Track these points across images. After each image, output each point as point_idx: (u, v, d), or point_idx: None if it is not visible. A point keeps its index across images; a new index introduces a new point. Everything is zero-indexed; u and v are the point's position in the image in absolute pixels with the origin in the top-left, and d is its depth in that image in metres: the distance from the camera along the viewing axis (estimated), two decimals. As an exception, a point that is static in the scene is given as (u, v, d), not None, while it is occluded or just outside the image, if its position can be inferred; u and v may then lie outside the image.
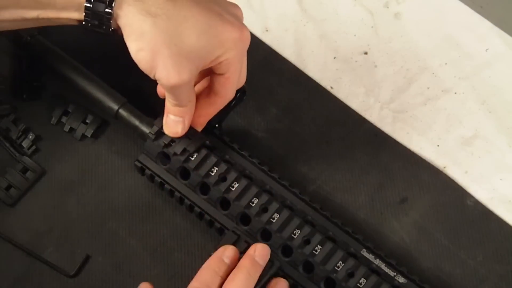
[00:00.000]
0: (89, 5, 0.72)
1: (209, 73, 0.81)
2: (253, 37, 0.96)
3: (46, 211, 0.87)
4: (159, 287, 0.83)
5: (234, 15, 0.77)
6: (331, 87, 0.95)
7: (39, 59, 0.90)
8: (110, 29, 0.74)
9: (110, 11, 0.72)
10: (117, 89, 0.87)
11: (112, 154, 0.90)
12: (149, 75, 0.75)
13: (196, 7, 0.74)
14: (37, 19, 0.75)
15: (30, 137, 0.89)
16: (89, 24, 0.74)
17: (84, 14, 0.73)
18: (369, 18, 0.99)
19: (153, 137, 0.82)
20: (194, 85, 0.81)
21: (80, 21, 0.74)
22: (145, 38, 0.72)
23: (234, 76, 0.79)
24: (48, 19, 0.75)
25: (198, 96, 0.81)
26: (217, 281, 0.74)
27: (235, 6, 0.80)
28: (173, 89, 0.76)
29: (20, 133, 0.89)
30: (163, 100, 0.82)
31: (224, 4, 0.78)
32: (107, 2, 0.72)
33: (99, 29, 0.74)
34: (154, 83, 0.81)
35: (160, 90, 0.83)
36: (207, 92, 0.81)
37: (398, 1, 1.00)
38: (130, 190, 0.88)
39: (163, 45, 0.72)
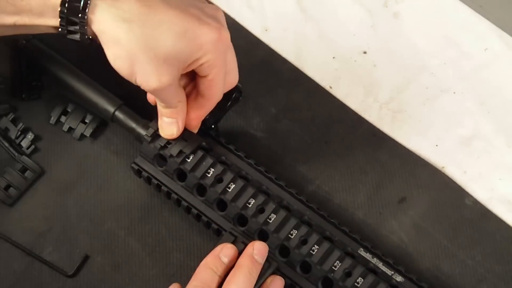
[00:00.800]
0: (64, 9, 0.71)
1: (195, 76, 0.81)
2: (252, 37, 0.96)
3: (45, 211, 0.87)
4: (158, 287, 0.84)
5: (212, 17, 0.76)
6: (330, 87, 0.95)
7: (35, 62, 0.90)
8: (86, 36, 0.73)
9: (84, 16, 0.71)
10: (114, 91, 0.88)
11: (111, 154, 0.90)
12: (130, 81, 0.74)
13: (172, 10, 0.73)
14: (14, 25, 0.74)
15: (29, 136, 0.90)
16: (65, 31, 0.73)
17: (59, 20, 0.72)
18: (368, 17, 0.99)
19: (149, 139, 0.82)
20: (185, 88, 0.81)
21: (56, 28, 0.73)
22: (121, 45, 0.71)
23: (218, 77, 0.78)
24: (26, 26, 0.74)
25: (187, 99, 0.80)
26: (216, 280, 0.74)
27: (215, 8, 0.78)
28: (157, 93, 0.76)
29: (19, 133, 0.90)
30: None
31: (203, 7, 0.77)
32: (80, 8, 0.71)
33: (76, 37, 0.73)
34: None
35: (150, 97, 0.83)
36: (194, 95, 0.81)
37: (397, 1, 1.00)
38: (129, 190, 0.88)
39: (139, 51, 0.71)
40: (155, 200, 0.88)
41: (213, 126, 0.85)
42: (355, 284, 0.77)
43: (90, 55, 0.92)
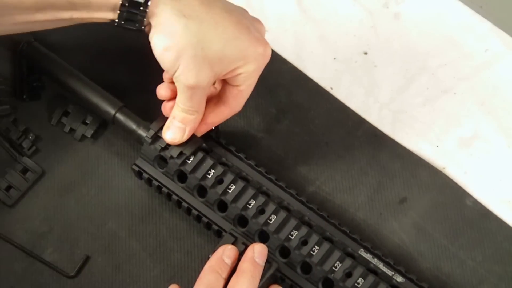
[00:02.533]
0: (125, 3, 0.74)
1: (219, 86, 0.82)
2: (253, 38, 0.96)
3: (46, 211, 0.87)
4: (159, 288, 0.84)
5: (259, 31, 0.79)
6: (331, 88, 0.95)
7: (36, 65, 0.90)
8: (142, 27, 0.75)
9: (145, 9, 0.74)
10: (114, 93, 0.88)
11: (111, 155, 0.90)
12: (167, 72, 0.76)
13: (228, 16, 0.76)
14: (70, 19, 0.76)
15: (30, 137, 0.90)
16: (122, 22, 0.75)
17: (118, 12, 0.74)
18: (368, 18, 0.99)
19: (149, 141, 0.82)
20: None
21: (113, 20, 0.76)
22: (174, 38, 0.74)
23: (248, 89, 0.80)
24: (82, 18, 0.76)
25: (206, 104, 0.81)
26: (222, 283, 0.75)
27: (259, 21, 0.82)
28: (188, 91, 0.77)
29: (20, 134, 0.90)
30: (160, 104, 0.82)
31: (251, 19, 0.80)
32: (144, 1, 0.73)
33: (131, 27, 0.75)
34: (151, 88, 0.82)
35: (159, 91, 0.82)
36: (215, 101, 0.82)
37: (397, 1, 1.00)
38: (130, 191, 0.88)
39: (190, 47, 0.74)
40: (156, 201, 0.88)
41: (213, 128, 0.85)
42: (356, 284, 0.77)
43: (91, 57, 0.93)
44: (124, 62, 0.84)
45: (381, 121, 0.93)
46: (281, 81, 0.95)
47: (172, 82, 0.80)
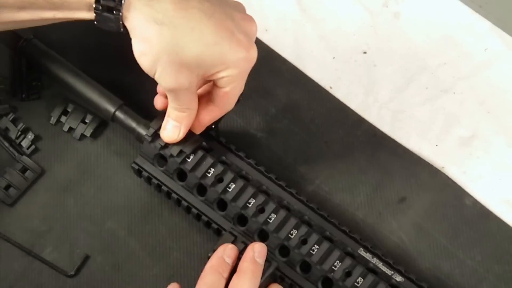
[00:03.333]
0: (98, 6, 0.73)
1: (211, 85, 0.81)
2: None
3: (45, 210, 0.87)
4: (159, 287, 0.84)
5: (245, 32, 0.77)
6: (330, 87, 0.95)
7: (35, 62, 0.90)
8: (121, 29, 0.74)
9: (118, 13, 0.73)
10: (114, 90, 0.88)
11: (111, 154, 0.90)
12: (149, 75, 0.75)
13: (206, 20, 0.74)
14: (54, 18, 0.76)
15: (30, 136, 0.90)
16: (101, 23, 0.75)
17: (95, 14, 0.74)
18: (368, 17, 0.99)
19: (149, 139, 0.82)
20: (198, 89, 0.81)
21: (93, 20, 0.75)
22: (148, 44, 0.73)
23: (234, 91, 0.79)
24: (65, 18, 0.76)
25: (199, 102, 0.81)
26: (223, 283, 0.75)
27: (250, 21, 0.79)
28: (171, 92, 0.77)
29: (19, 133, 0.89)
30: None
31: (238, 19, 0.77)
32: (114, 5, 0.72)
33: (110, 29, 0.75)
34: (151, 86, 0.82)
35: (157, 101, 0.83)
36: (206, 100, 0.81)
37: (397, 1, 1.00)
38: (129, 190, 0.88)
39: (164, 53, 0.72)
40: (155, 200, 0.88)
41: (213, 126, 0.85)
42: (355, 284, 0.77)
43: (91, 56, 0.93)
44: (124, 60, 0.83)
45: (380, 120, 0.93)
46: (281, 80, 0.95)
47: (165, 95, 0.80)
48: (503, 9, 0.98)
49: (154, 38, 0.72)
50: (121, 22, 0.73)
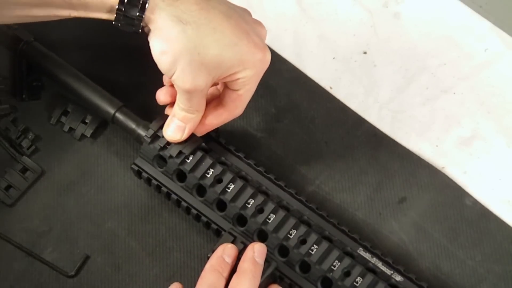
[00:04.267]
0: (121, 7, 0.74)
1: (221, 88, 0.82)
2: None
3: (45, 211, 0.87)
4: (159, 287, 0.84)
5: (259, 35, 0.79)
6: (330, 87, 0.95)
7: (35, 65, 0.90)
8: (139, 30, 0.75)
9: (142, 15, 0.73)
10: (114, 92, 0.88)
11: (111, 154, 0.90)
12: (166, 75, 0.76)
13: (226, 21, 0.75)
14: (68, 16, 0.76)
15: (30, 137, 0.90)
16: (119, 24, 0.75)
17: (115, 15, 0.74)
18: (368, 17, 0.99)
19: (149, 140, 0.82)
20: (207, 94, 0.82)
21: (110, 20, 0.76)
22: (171, 43, 0.73)
23: (247, 94, 0.80)
24: (79, 16, 0.76)
25: (206, 105, 0.81)
26: (223, 283, 0.75)
27: (260, 25, 0.81)
28: (186, 93, 0.77)
29: (20, 133, 0.90)
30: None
31: (252, 23, 0.80)
32: (139, 6, 0.73)
33: (128, 29, 0.75)
34: (151, 87, 0.82)
35: (159, 96, 0.83)
36: (215, 104, 0.82)
37: (397, 1, 1.00)
38: (129, 190, 0.89)
39: (186, 52, 0.73)
40: (155, 201, 0.88)
41: (213, 128, 0.85)
42: (354, 283, 0.77)
43: (91, 57, 0.93)
44: (124, 61, 0.84)
45: (380, 120, 0.93)
46: (281, 80, 0.95)
47: (172, 86, 0.80)
48: (503, 9, 0.98)
49: (177, 37, 0.73)
50: (142, 24, 0.74)
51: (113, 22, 0.75)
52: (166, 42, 0.74)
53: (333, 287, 0.78)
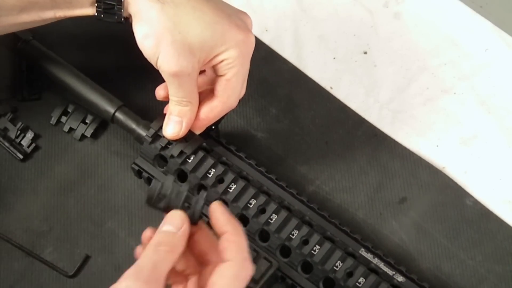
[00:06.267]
0: None
1: (213, 79, 0.81)
2: (253, 37, 0.96)
3: (45, 211, 0.87)
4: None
5: (241, 19, 0.79)
6: (331, 87, 0.95)
7: (35, 64, 0.90)
8: (122, 19, 0.76)
9: (121, 1, 0.75)
10: (114, 91, 0.87)
11: (111, 154, 0.90)
12: (151, 62, 0.76)
13: (206, 2, 0.76)
14: (54, 17, 0.77)
15: (29, 136, 0.89)
16: (102, 15, 0.76)
17: (96, 7, 0.76)
18: (368, 18, 0.99)
19: (150, 140, 0.82)
20: (201, 88, 0.82)
21: (94, 15, 0.77)
22: (151, 24, 0.74)
23: (236, 79, 0.79)
24: (64, 16, 0.77)
25: (200, 100, 0.81)
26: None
27: (245, 14, 0.81)
28: (174, 79, 0.77)
29: (19, 133, 0.89)
30: (161, 103, 0.83)
31: (235, 10, 0.80)
32: None
33: (111, 19, 0.76)
34: (151, 86, 0.82)
35: (158, 91, 0.83)
36: (209, 97, 0.81)
37: (397, 1, 1.00)
38: (130, 190, 0.88)
39: (167, 32, 0.74)
40: (156, 201, 0.87)
41: (213, 127, 0.85)
42: (357, 284, 0.77)
43: (91, 56, 0.93)
44: (124, 61, 0.83)
45: (381, 120, 0.93)
46: (281, 81, 0.95)
47: None
48: (504, 9, 0.98)
49: (156, 17, 0.74)
50: (122, 10, 0.75)
51: (95, 15, 0.76)
52: (147, 23, 0.74)
53: (335, 288, 0.78)
